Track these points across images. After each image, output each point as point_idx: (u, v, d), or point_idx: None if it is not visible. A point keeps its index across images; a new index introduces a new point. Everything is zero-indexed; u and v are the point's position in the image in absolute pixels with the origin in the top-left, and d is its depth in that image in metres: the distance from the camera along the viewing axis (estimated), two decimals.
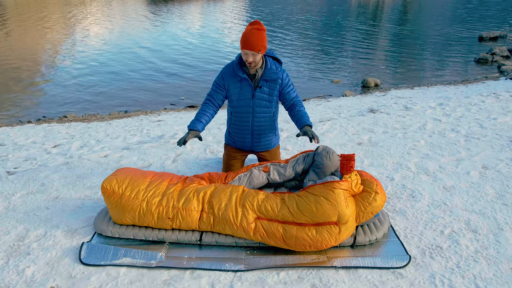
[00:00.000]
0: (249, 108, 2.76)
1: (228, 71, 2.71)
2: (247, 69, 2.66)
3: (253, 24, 2.51)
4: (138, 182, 2.44)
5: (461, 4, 30.05)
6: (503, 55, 12.00)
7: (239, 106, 2.77)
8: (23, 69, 11.37)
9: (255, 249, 2.26)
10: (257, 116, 2.80)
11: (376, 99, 7.29)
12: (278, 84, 2.71)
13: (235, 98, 2.75)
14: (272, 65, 2.67)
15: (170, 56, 13.04)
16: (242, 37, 2.49)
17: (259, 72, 2.66)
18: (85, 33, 17.70)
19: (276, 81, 2.70)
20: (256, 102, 2.74)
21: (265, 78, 2.67)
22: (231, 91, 2.74)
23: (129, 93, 9.25)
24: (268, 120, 2.84)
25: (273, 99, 2.75)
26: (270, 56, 2.71)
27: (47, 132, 5.92)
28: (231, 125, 2.92)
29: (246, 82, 2.69)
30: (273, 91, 2.72)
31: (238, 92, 2.72)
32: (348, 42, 15.35)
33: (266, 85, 2.70)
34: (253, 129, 2.85)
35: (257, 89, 2.70)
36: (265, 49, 2.54)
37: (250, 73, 2.67)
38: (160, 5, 30.54)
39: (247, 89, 2.70)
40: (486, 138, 3.86)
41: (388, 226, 2.38)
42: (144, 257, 2.16)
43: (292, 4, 31.36)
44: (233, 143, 3.02)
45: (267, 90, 2.72)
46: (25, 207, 2.72)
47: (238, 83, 2.70)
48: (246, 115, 2.80)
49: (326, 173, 2.66)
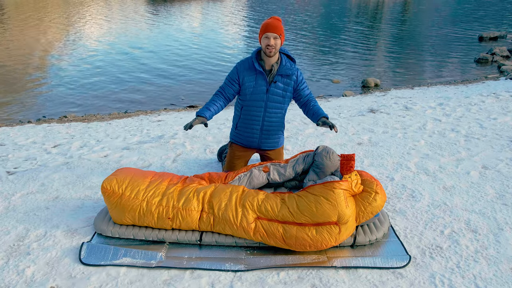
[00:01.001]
0: (262, 103, 2.78)
1: (244, 65, 2.76)
2: (263, 63, 2.71)
3: (273, 16, 2.67)
4: (138, 182, 2.44)
5: (461, 4, 30.06)
6: (503, 55, 12.00)
7: (253, 100, 2.78)
8: (23, 69, 11.37)
9: (255, 249, 2.26)
10: (269, 111, 2.82)
11: (376, 99, 7.29)
12: (293, 81, 2.77)
13: (249, 92, 2.76)
14: (287, 62, 2.75)
15: (170, 56, 13.04)
16: (263, 25, 2.62)
17: (275, 67, 2.72)
18: (85, 33, 17.71)
19: (291, 77, 2.76)
20: (270, 97, 2.77)
21: (280, 73, 2.72)
22: (246, 84, 2.75)
23: (129, 93, 9.26)
24: (279, 117, 2.88)
25: (286, 95, 2.80)
26: (285, 54, 2.79)
27: (47, 132, 5.92)
28: (240, 120, 2.91)
29: (262, 76, 2.72)
30: (288, 87, 2.77)
31: (253, 85, 2.75)
32: (348, 42, 15.35)
33: (281, 80, 2.75)
34: (263, 124, 2.86)
35: (272, 84, 2.74)
36: (283, 37, 2.65)
37: (266, 68, 2.72)
38: (160, 5, 30.55)
39: (262, 83, 2.74)
40: (486, 138, 3.86)
41: (388, 226, 2.38)
42: (144, 257, 2.16)
43: (292, 4, 31.37)
44: (239, 140, 2.99)
45: (282, 86, 2.76)
46: (25, 207, 2.72)
47: (253, 76, 2.74)
48: (258, 110, 2.81)
49: (326, 173, 2.66)
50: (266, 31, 2.58)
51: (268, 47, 2.60)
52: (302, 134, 4.15)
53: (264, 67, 2.72)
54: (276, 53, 2.66)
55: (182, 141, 4.06)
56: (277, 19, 2.63)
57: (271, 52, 2.62)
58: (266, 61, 2.71)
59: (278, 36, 2.59)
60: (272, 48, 2.60)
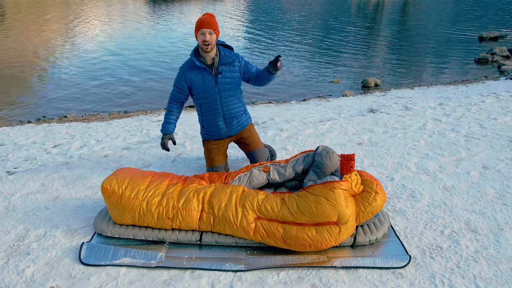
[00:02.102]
0: (216, 96, 2.88)
1: (186, 67, 2.87)
2: (204, 60, 2.81)
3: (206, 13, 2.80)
4: (138, 182, 2.44)
5: (461, 4, 30.07)
6: (503, 55, 12.00)
7: (206, 96, 2.88)
8: (23, 69, 11.37)
9: (255, 249, 2.26)
10: (225, 101, 2.91)
11: (376, 99, 7.29)
12: (237, 66, 2.89)
13: (200, 90, 2.87)
14: (226, 51, 2.87)
15: (170, 56, 13.03)
16: (197, 22, 2.73)
17: (216, 59, 2.83)
18: (85, 33, 17.70)
19: (234, 64, 2.87)
20: (220, 87, 2.87)
21: (223, 63, 2.84)
22: (195, 84, 2.86)
23: (129, 93, 9.25)
24: (236, 102, 2.97)
25: (234, 81, 2.90)
26: (221, 45, 2.90)
27: (47, 132, 5.92)
28: (203, 118, 3.01)
29: (206, 72, 2.83)
30: (233, 73, 2.88)
31: (201, 83, 2.85)
32: (348, 42, 15.34)
33: (226, 69, 2.85)
34: (224, 114, 2.96)
35: (218, 76, 2.84)
36: (218, 32, 2.78)
37: (208, 63, 2.82)
38: (160, 5, 30.55)
39: (209, 78, 2.84)
40: (486, 138, 3.86)
41: (388, 226, 2.38)
42: (144, 257, 2.16)
43: (291, 4, 31.36)
44: (210, 136, 3.09)
45: (228, 74, 2.87)
46: (25, 207, 2.72)
47: (199, 75, 2.84)
48: (215, 103, 2.91)
49: (326, 173, 2.66)
50: (201, 27, 2.69)
51: (204, 42, 2.70)
52: (302, 134, 4.15)
53: (205, 62, 2.82)
54: (213, 48, 2.77)
55: (182, 141, 4.06)
56: (210, 15, 2.74)
57: (207, 48, 2.72)
58: (206, 56, 2.80)
59: (213, 32, 2.70)
60: (208, 44, 2.70)
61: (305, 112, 6.05)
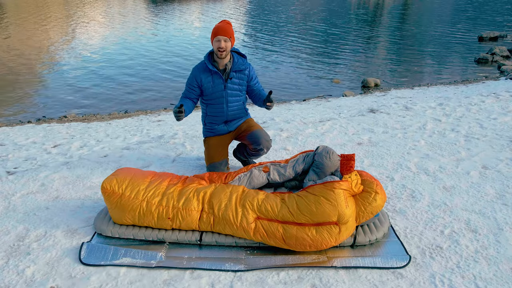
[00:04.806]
0: (222, 99, 3.01)
1: (199, 68, 2.97)
2: (217, 64, 2.93)
3: (223, 20, 2.89)
4: (138, 182, 2.44)
5: (461, 4, 30.06)
6: (503, 55, 12.00)
7: (214, 97, 3.00)
8: (23, 69, 11.37)
9: (255, 249, 2.26)
10: (230, 104, 3.05)
11: (376, 99, 7.29)
12: (246, 75, 3.00)
13: (209, 91, 2.98)
14: (239, 58, 2.98)
15: (170, 56, 13.04)
16: (214, 29, 2.83)
17: (229, 66, 2.94)
18: (85, 33, 17.71)
19: (244, 72, 2.99)
20: (228, 92, 3.00)
21: (235, 69, 2.95)
22: (205, 85, 2.97)
23: (129, 93, 9.25)
24: (240, 104, 3.11)
25: (242, 88, 3.04)
26: (236, 52, 3.01)
27: (47, 132, 5.92)
28: (207, 117, 3.13)
29: (217, 76, 2.94)
30: (242, 81, 3.01)
31: (211, 85, 2.96)
32: (348, 42, 15.35)
33: (236, 76, 2.97)
34: (228, 115, 3.09)
35: (228, 81, 2.96)
36: (234, 40, 2.87)
37: (220, 68, 2.93)
38: (160, 5, 30.55)
39: (219, 82, 2.95)
40: (486, 138, 3.86)
41: (388, 226, 2.38)
42: (144, 257, 2.16)
43: (291, 4, 31.37)
44: (211, 133, 3.18)
45: (237, 81, 2.99)
46: (25, 207, 2.72)
47: (209, 77, 2.94)
48: (221, 106, 3.04)
49: (326, 173, 2.66)
50: (217, 35, 2.79)
51: (219, 49, 2.80)
52: (302, 134, 4.15)
53: (218, 67, 2.93)
54: (227, 55, 2.88)
55: (182, 141, 4.06)
56: (227, 23, 2.84)
57: (222, 54, 2.83)
58: (219, 62, 2.91)
59: (228, 39, 2.80)
60: (223, 50, 2.81)
61: (305, 112, 6.05)
